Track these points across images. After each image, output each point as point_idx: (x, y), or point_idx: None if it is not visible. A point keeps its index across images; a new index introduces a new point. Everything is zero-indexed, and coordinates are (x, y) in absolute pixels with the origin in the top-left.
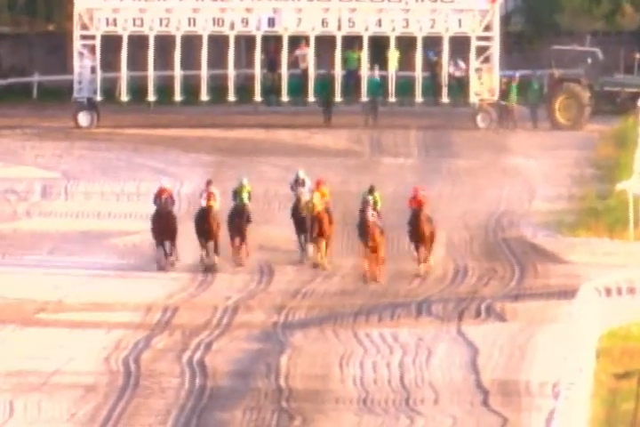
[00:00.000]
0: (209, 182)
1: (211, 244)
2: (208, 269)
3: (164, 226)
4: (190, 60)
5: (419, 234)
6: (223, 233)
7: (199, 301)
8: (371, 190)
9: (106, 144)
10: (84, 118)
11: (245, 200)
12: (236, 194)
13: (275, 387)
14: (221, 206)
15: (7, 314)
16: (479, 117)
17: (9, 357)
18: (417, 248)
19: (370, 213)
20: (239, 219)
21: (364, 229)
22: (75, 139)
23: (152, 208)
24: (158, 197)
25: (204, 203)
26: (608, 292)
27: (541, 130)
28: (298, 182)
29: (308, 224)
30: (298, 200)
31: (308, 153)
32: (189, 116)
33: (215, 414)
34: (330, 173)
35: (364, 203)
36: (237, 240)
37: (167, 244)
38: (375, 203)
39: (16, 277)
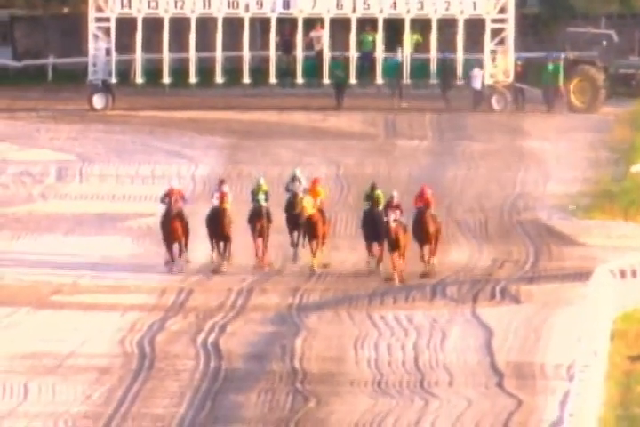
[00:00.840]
0: (221, 182)
1: (222, 246)
2: (216, 271)
3: (173, 228)
4: (205, 43)
5: (424, 233)
6: (240, 234)
7: (213, 283)
8: (373, 188)
9: (120, 127)
10: (98, 101)
11: (262, 202)
12: (254, 195)
13: (289, 369)
14: (234, 205)
15: (22, 296)
16: (494, 100)
17: (24, 339)
18: (422, 247)
19: (392, 217)
20: (259, 222)
21: (386, 231)
22: (89, 121)
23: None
24: (167, 196)
25: (215, 202)
26: (623, 274)
27: (556, 113)
28: (294, 181)
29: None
30: (294, 196)
31: (323, 135)
32: (204, 99)
33: (230, 396)
34: (344, 155)
35: (387, 203)
36: (260, 243)
37: (177, 246)
38: (378, 200)
39: (31, 260)
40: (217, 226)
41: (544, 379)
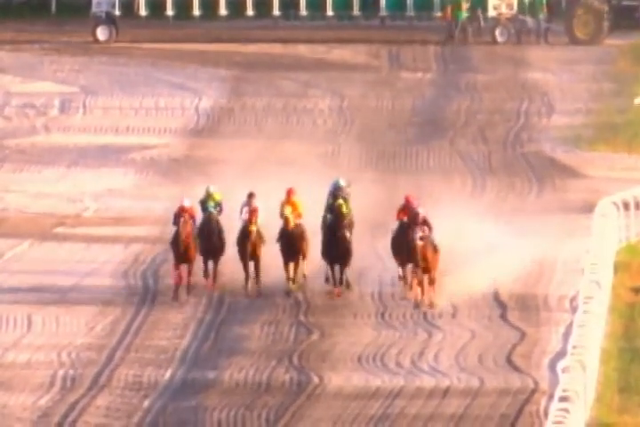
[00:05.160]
0: (251, 196)
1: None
2: (251, 295)
3: (183, 250)
4: None
5: (411, 255)
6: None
7: None
8: (335, 197)
9: (124, 59)
10: (102, 33)
11: (211, 209)
12: (203, 204)
13: (293, 302)
14: (265, 219)
15: (25, 228)
16: (497, 31)
17: (27, 271)
18: (403, 266)
19: (418, 233)
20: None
21: (411, 251)
22: (93, 53)
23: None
24: (178, 216)
25: (244, 218)
26: (626, 206)
27: (559, 44)
28: (338, 191)
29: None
30: (339, 207)
31: (327, 68)
32: (208, 31)
33: (233, 328)
34: (348, 87)
35: (413, 217)
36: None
37: (186, 267)
38: (340, 212)
39: (34, 192)
40: (245, 248)
41: (547, 311)
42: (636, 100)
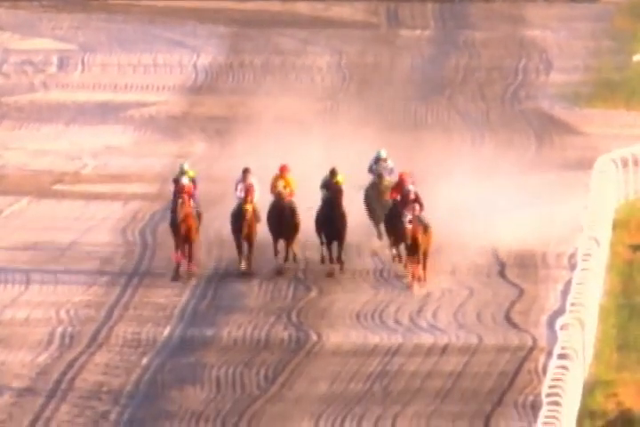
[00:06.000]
0: (245, 171)
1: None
2: (246, 274)
3: (184, 231)
4: None
5: (403, 238)
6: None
7: (216, 170)
8: (333, 173)
9: (122, 16)
10: None
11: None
12: (177, 182)
13: (291, 260)
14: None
15: (24, 186)
16: None
17: (25, 229)
18: (396, 245)
19: (407, 217)
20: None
21: (402, 234)
22: (91, 11)
23: (171, 83)
24: (176, 196)
25: (239, 195)
26: (625, 163)
27: (558, 1)
28: (378, 162)
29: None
30: (379, 178)
31: (325, 25)
32: None
33: (232, 285)
34: (347, 44)
35: (405, 195)
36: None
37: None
38: (339, 189)
39: (33, 149)
40: (241, 228)
41: (546, 268)
42: (634, 57)
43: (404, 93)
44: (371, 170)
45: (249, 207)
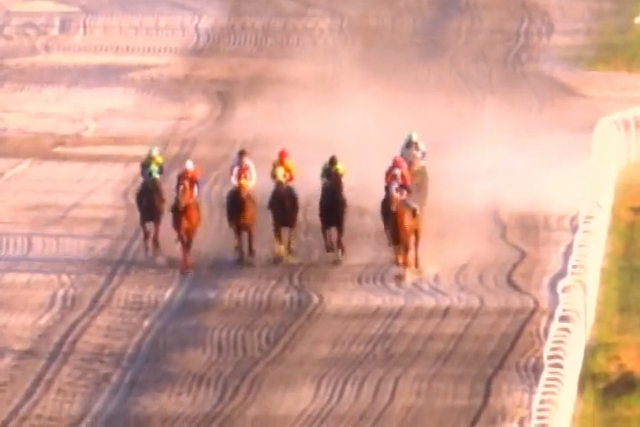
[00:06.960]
0: (242, 153)
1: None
2: (247, 264)
3: (186, 220)
4: None
5: (396, 230)
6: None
7: (217, 134)
8: (332, 161)
9: None
10: None
11: (155, 174)
12: (144, 167)
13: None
14: (259, 181)
15: (25, 148)
16: None
17: (27, 191)
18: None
19: (394, 189)
20: (148, 199)
21: (387, 212)
22: None
23: (172, 46)
24: (180, 181)
25: (234, 181)
26: (627, 126)
27: None
28: (409, 146)
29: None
30: (409, 164)
31: None
32: None
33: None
34: (348, 6)
35: (391, 177)
36: (151, 228)
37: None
38: (338, 177)
39: (34, 112)
40: (236, 210)
41: (547, 231)
42: (636, 19)
43: (406, 56)
44: (402, 154)
45: (244, 182)
